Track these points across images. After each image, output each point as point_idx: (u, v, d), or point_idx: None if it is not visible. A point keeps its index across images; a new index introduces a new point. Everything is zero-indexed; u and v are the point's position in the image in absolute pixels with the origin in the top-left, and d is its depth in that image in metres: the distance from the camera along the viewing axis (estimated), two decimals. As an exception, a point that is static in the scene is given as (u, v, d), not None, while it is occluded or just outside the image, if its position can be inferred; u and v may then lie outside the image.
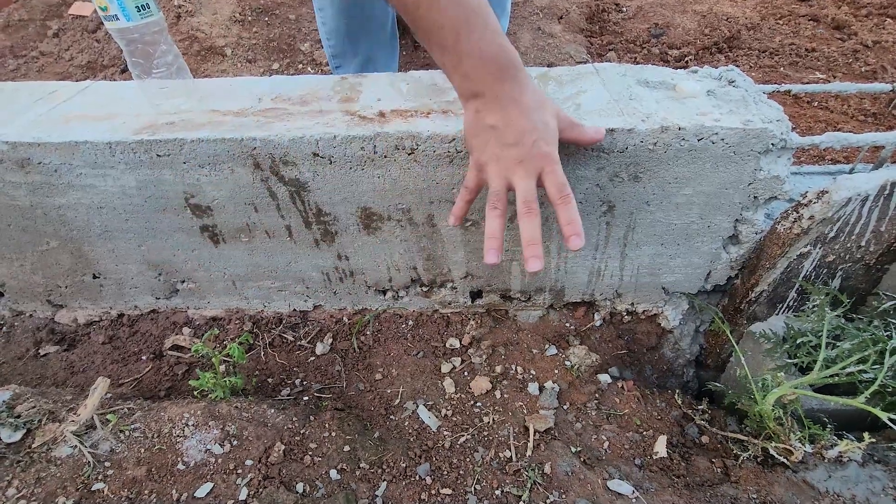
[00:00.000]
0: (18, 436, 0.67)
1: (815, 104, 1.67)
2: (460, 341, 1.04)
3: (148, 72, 1.03)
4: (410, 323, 1.08)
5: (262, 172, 0.86)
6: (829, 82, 1.75)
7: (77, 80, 1.87)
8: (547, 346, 1.02)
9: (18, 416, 0.69)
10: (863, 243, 0.88)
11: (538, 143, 0.65)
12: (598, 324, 1.09)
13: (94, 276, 1.04)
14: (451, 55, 0.63)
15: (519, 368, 0.98)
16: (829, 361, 0.79)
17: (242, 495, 0.68)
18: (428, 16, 0.61)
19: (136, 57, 1.02)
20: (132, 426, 0.72)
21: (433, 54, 0.66)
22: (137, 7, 0.96)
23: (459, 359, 1.01)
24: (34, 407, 0.70)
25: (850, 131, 1.53)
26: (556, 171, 0.66)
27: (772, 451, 0.77)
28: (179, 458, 0.70)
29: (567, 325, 1.08)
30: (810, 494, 0.71)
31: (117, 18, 0.96)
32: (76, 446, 0.67)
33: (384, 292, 1.07)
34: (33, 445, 0.67)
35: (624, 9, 2.28)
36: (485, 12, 0.62)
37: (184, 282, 1.05)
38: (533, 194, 0.66)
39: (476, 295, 1.07)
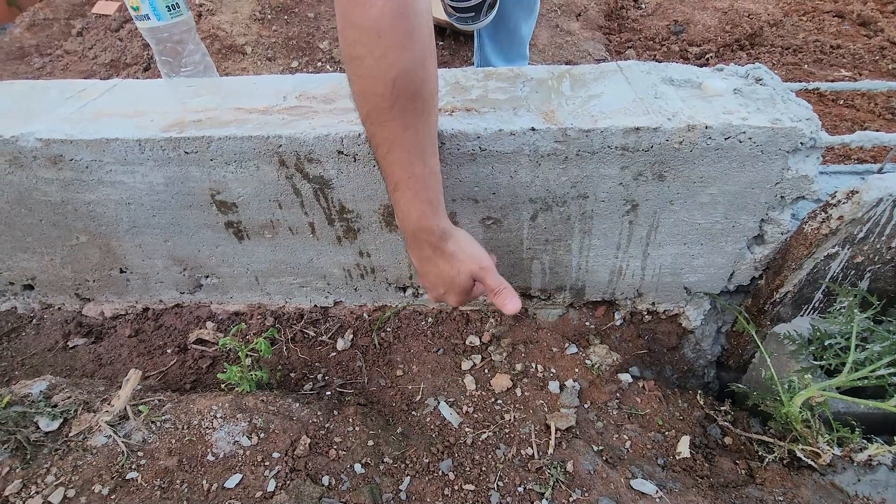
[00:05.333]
0: (56, 425, 0.70)
1: (841, 102, 1.64)
2: (480, 339, 1.04)
3: (177, 70, 1.05)
4: (430, 320, 1.08)
5: (287, 170, 0.87)
6: (855, 79, 1.72)
7: (101, 78, 1.90)
8: (567, 344, 1.02)
9: (55, 406, 0.71)
10: (893, 244, 0.86)
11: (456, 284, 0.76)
12: (618, 323, 1.08)
13: (122, 271, 1.06)
14: (392, 197, 0.71)
15: (539, 366, 0.98)
16: (858, 364, 0.77)
17: (270, 487, 0.69)
18: (383, 162, 0.68)
19: (166, 55, 1.04)
20: (163, 417, 0.74)
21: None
22: (168, 6, 0.98)
23: (480, 356, 1.01)
24: (70, 397, 0.73)
25: (877, 130, 1.51)
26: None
27: (798, 454, 0.76)
28: (209, 450, 0.71)
29: (587, 323, 1.08)
30: (839, 497, 0.70)
31: (148, 18, 0.98)
32: (111, 436, 0.69)
33: (404, 289, 1.08)
34: (70, 434, 0.69)
35: (643, 5, 2.26)
36: (421, 181, 0.68)
37: (208, 277, 1.07)
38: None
39: (496, 293, 1.07)
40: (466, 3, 1.29)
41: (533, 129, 0.80)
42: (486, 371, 0.99)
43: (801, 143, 0.79)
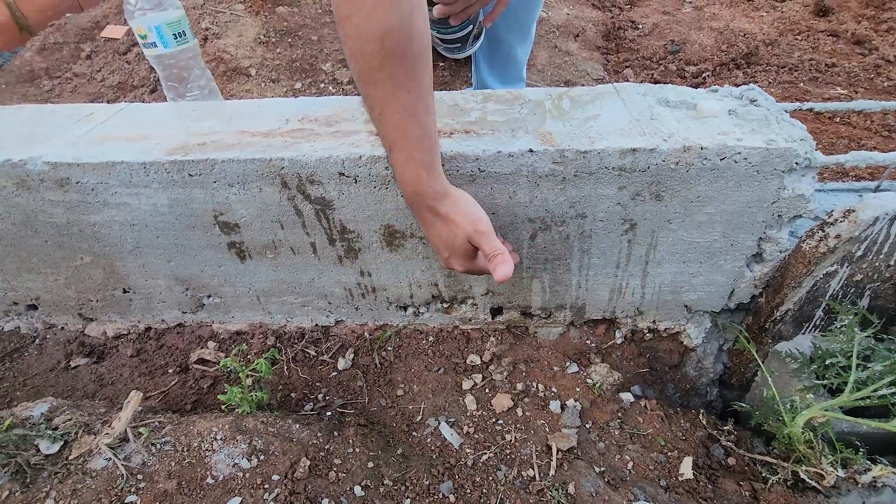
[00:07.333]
0: (56, 448, 0.70)
1: (837, 120, 1.66)
2: (481, 358, 1.04)
3: (182, 95, 1.08)
4: (431, 339, 1.08)
5: (289, 191, 0.88)
6: (851, 97, 1.74)
7: (108, 100, 1.94)
8: (568, 363, 1.02)
9: (56, 429, 0.71)
10: (892, 262, 0.87)
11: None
12: (619, 341, 1.08)
13: (125, 291, 1.07)
14: (389, 160, 0.73)
15: (540, 386, 0.98)
16: (860, 383, 0.77)
17: (269, 510, 0.69)
18: (378, 123, 0.70)
19: (172, 81, 1.06)
20: (163, 439, 0.74)
21: None
22: (174, 35, 1.01)
23: (480, 375, 1.01)
24: (70, 419, 0.73)
25: (873, 147, 1.52)
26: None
27: (802, 475, 0.75)
28: (208, 472, 0.71)
29: (588, 342, 1.07)
30: (844, 521, 0.69)
31: (156, 46, 1.01)
32: (110, 459, 0.69)
33: (405, 308, 1.08)
34: (70, 457, 0.69)
35: (640, 26, 2.30)
36: (415, 142, 0.69)
37: (210, 296, 1.08)
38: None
39: (496, 311, 1.08)
40: (452, 35, 1.31)
41: (531, 150, 0.81)
42: (487, 390, 0.98)
43: (795, 162, 0.80)
